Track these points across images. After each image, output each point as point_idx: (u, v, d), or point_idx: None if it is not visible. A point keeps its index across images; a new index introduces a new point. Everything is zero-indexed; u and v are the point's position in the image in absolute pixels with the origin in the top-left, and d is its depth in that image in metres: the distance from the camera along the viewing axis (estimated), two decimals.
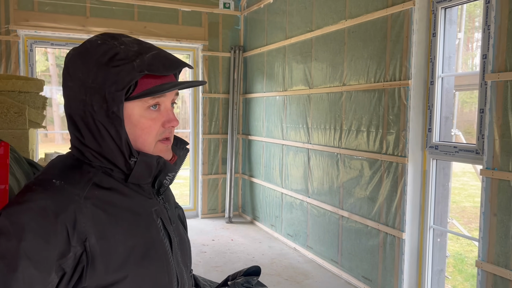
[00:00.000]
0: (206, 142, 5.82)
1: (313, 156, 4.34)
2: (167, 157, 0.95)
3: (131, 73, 0.84)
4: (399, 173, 3.25)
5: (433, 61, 3.11)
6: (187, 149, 1.06)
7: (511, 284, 2.47)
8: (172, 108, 0.95)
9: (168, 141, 0.94)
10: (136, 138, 0.89)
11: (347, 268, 3.86)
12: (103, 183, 0.87)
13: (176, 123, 0.93)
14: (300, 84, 4.55)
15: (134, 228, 0.88)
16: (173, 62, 0.89)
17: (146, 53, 0.87)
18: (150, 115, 0.89)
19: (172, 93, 0.93)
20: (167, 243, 0.94)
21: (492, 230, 2.59)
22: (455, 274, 6.31)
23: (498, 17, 2.53)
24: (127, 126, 0.88)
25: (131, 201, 0.90)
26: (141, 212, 0.91)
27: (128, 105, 0.87)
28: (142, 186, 0.93)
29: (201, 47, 5.67)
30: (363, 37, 3.60)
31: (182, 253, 1.00)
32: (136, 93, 0.87)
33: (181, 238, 1.02)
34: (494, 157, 2.57)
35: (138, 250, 0.87)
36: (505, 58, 2.49)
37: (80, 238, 0.80)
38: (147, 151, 0.91)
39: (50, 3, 4.86)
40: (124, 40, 0.89)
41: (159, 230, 0.93)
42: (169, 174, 0.94)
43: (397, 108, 3.26)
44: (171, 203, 1.04)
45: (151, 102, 0.89)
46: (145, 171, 0.90)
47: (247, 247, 4.73)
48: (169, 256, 0.93)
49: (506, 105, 2.49)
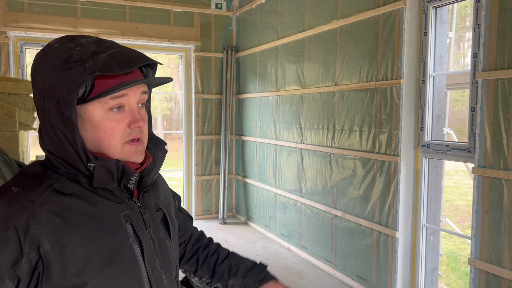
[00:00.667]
0: (199, 143, 5.81)
1: (307, 156, 4.34)
2: (136, 159, 0.92)
3: (82, 75, 0.81)
4: (391, 172, 3.26)
5: (424, 60, 3.12)
6: (165, 150, 1.03)
7: (504, 281, 2.48)
8: (140, 108, 0.92)
9: (138, 142, 0.91)
10: (99, 141, 0.88)
11: (341, 268, 3.86)
12: (65, 189, 0.85)
13: (142, 124, 0.90)
14: (293, 84, 4.55)
15: (96, 234, 0.85)
16: (130, 60, 0.85)
17: (103, 52, 0.85)
18: (113, 116, 0.87)
19: (136, 93, 0.89)
20: (137, 249, 0.90)
21: (484, 228, 2.60)
22: (449, 272, 6.34)
23: (488, 16, 2.55)
24: (90, 128, 0.87)
25: (95, 207, 0.87)
26: (106, 217, 0.88)
27: (88, 107, 0.86)
28: (111, 190, 0.90)
29: (194, 48, 5.65)
30: (355, 36, 3.61)
31: (162, 258, 0.97)
32: (93, 95, 0.85)
33: (161, 242, 0.98)
34: (486, 155, 2.58)
35: (100, 256, 0.84)
36: (495, 57, 2.51)
37: (34, 245, 0.79)
38: (112, 153, 0.89)
39: (41, 4, 4.82)
40: (82, 41, 0.87)
41: (128, 236, 0.89)
42: (131, 178, 0.90)
43: (389, 107, 3.27)
44: (150, 206, 0.99)
45: (112, 103, 0.86)
46: (106, 176, 0.87)
47: (241, 248, 4.72)
48: (139, 262, 0.90)
49: (496, 104, 2.51)
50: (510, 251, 2.46)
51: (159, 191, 1.08)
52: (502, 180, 2.49)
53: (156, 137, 1.03)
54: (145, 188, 0.98)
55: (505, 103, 2.46)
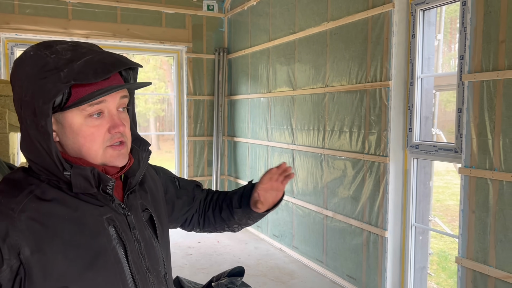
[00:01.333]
0: (191, 144, 5.82)
1: (298, 157, 4.37)
2: (119, 163, 0.93)
3: (57, 85, 0.82)
4: (381, 173, 3.30)
5: (412, 62, 3.16)
6: (149, 151, 1.05)
7: (490, 280, 2.53)
8: (120, 112, 0.92)
9: (121, 145, 0.92)
10: (80, 147, 0.89)
11: (332, 268, 3.89)
12: (46, 195, 0.86)
13: (122, 128, 0.90)
14: (284, 86, 4.58)
15: (77, 239, 0.86)
16: (106, 66, 0.85)
17: (78, 59, 0.85)
18: (92, 122, 0.88)
19: (115, 98, 0.90)
20: (121, 251, 0.91)
21: (471, 227, 2.65)
22: (439, 271, 6.40)
23: (473, 19, 2.60)
24: (70, 135, 0.88)
25: (76, 212, 0.87)
26: (88, 222, 0.88)
27: (67, 114, 0.87)
28: (94, 194, 0.90)
29: (185, 49, 5.67)
30: (344, 38, 3.65)
31: (149, 259, 0.98)
32: (71, 103, 0.85)
33: (147, 243, 0.99)
34: (472, 156, 2.63)
35: (81, 261, 0.85)
36: (481, 59, 2.56)
37: (14, 251, 0.81)
38: (94, 158, 0.90)
39: (31, 6, 4.81)
40: (58, 48, 0.87)
41: (111, 239, 0.90)
42: (108, 185, 0.90)
43: (378, 109, 3.31)
44: (135, 207, 0.99)
45: (91, 110, 0.87)
46: (84, 183, 0.87)
47: (233, 249, 4.74)
48: (122, 264, 0.91)
49: (482, 105, 2.55)
50: (495, 249, 2.50)
51: (147, 191, 1.08)
52: (487, 180, 2.54)
53: (140, 138, 1.05)
54: (130, 190, 0.99)
55: (490, 104, 2.50)
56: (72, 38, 5.01)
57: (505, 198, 2.44)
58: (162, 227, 1.08)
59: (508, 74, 2.39)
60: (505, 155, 2.44)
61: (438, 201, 10.65)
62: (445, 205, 9.88)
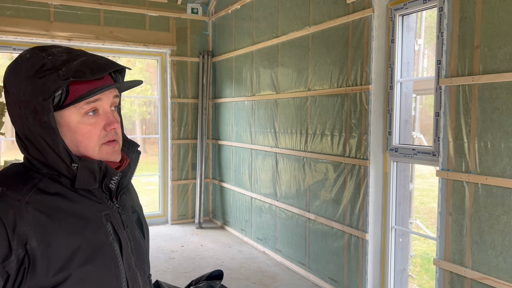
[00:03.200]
0: (175, 147, 5.80)
1: (281, 160, 4.39)
2: (115, 158, 0.97)
3: (56, 81, 0.86)
4: (361, 176, 3.33)
5: (392, 67, 3.21)
6: (138, 152, 1.09)
7: (466, 281, 2.57)
8: (113, 111, 0.97)
9: (114, 142, 0.97)
10: (78, 144, 0.93)
11: (314, 270, 3.91)
12: (49, 189, 0.90)
13: (117, 125, 0.95)
14: (268, 89, 4.60)
15: (80, 232, 0.90)
16: (101, 66, 0.91)
17: (74, 60, 0.90)
18: (88, 120, 0.92)
19: (109, 97, 0.95)
20: (116, 247, 0.95)
21: (448, 229, 2.69)
22: (422, 273, 6.47)
23: (450, 24, 2.65)
24: (67, 133, 0.91)
25: (78, 206, 0.92)
26: (89, 216, 0.92)
27: (65, 113, 0.91)
28: (92, 191, 0.94)
29: (169, 52, 5.65)
30: (326, 43, 3.68)
31: (137, 258, 1.02)
32: (69, 101, 0.90)
33: (136, 242, 1.03)
34: (449, 159, 2.67)
35: (82, 253, 0.89)
36: (457, 64, 2.61)
37: (21, 241, 0.83)
38: (91, 155, 0.94)
39: (12, 8, 4.75)
40: (53, 51, 0.92)
41: (109, 234, 0.94)
42: (113, 178, 0.95)
43: (358, 112, 3.35)
44: (127, 207, 1.04)
45: (87, 107, 0.91)
46: (89, 177, 0.92)
47: (217, 252, 4.73)
48: (118, 260, 0.95)
49: (458, 109, 2.60)
50: (472, 251, 2.54)
51: (132, 194, 1.14)
52: (464, 183, 2.58)
53: (128, 140, 1.08)
54: (122, 190, 1.03)
55: (466, 109, 2.55)
56: (54, 41, 4.96)
57: (480, 200, 2.49)
58: (146, 230, 1.13)
59: (483, 79, 2.44)
60: (480, 158, 2.48)
61: (422, 204, 10.77)
62: (429, 208, 9.99)
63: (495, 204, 2.41)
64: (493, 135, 2.41)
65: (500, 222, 2.38)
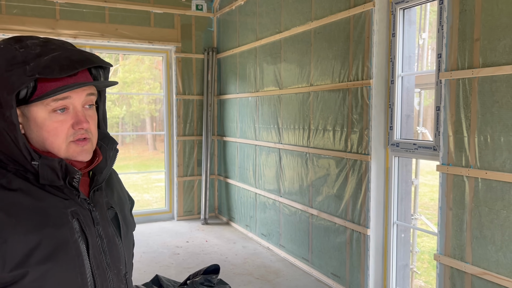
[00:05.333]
0: (181, 144, 5.83)
1: (284, 156, 4.38)
2: (82, 158, 0.95)
3: (21, 77, 0.85)
4: (363, 171, 3.32)
5: (393, 61, 3.18)
6: (116, 149, 1.07)
7: (466, 276, 2.55)
8: (86, 109, 0.95)
9: (84, 141, 0.94)
10: (43, 140, 0.92)
11: (317, 266, 3.91)
12: (11, 185, 0.89)
13: (85, 125, 0.93)
14: (271, 85, 4.59)
15: (40, 229, 0.88)
16: (72, 63, 0.88)
17: (46, 55, 0.88)
18: (56, 117, 0.90)
19: (80, 95, 0.92)
20: (82, 244, 0.93)
21: (448, 224, 2.66)
22: (430, 269, 6.42)
23: (450, 17, 2.61)
24: (34, 128, 0.91)
25: (41, 202, 0.90)
26: (52, 213, 0.90)
27: (32, 108, 0.89)
28: (60, 187, 0.93)
29: (174, 49, 5.67)
30: (328, 37, 3.66)
31: (110, 256, 1.00)
32: (35, 97, 0.88)
33: (110, 240, 1.01)
34: (449, 153, 2.65)
35: (42, 250, 0.87)
36: (456, 57, 2.58)
37: None
38: (56, 152, 0.92)
39: (19, 6, 4.81)
40: (28, 42, 0.90)
41: (74, 232, 0.92)
42: (74, 177, 0.92)
43: (360, 107, 3.33)
44: (100, 204, 1.02)
45: (54, 104, 0.89)
46: (51, 174, 0.90)
47: (221, 248, 4.75)
48: (83, 257, 0.93)
49: (458, 103, 2.57)
50: (472, 246, 2.52)
51: (113, 190, 1.11)
52: (464, 177, 2.55)
53: (109, 137, 1.07)
54: (96, 186, 1.01)
55: (466, 102, 2.52)
56: (60, 38, 5.00)
57: (480, 195, 2.46)
58: (126, 228, 1.10)
59: (483, 72, 2.41)
60: (480, 152, 2.46)
61: (432, 200, 10.67)
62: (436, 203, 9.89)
63: (495, 198, 2.38)
64: (493, 129, 2.38)
65: (500, 216, 2.36)
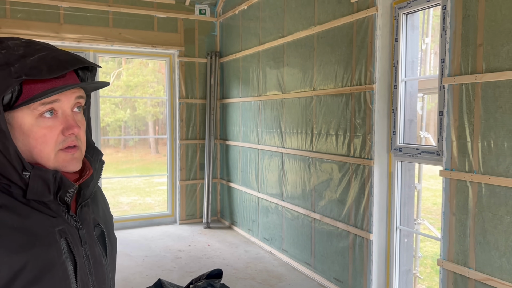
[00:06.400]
0: (183, 147, 5.84)
1: (287, 160, 4.38)
2: (73, 167, 0.87)
3: (7, 79, 0.77)
4: (366, 175, 3.31)
5: (396, 66, 3.18)
6: (102, 161, 0.99)
7: (470, 282, 2.53)
8: (76, 113, 0.88)
9: (74, 149, 0.86)
10: (31, 149, 0.83)
11: (319, 270, 3.90)
12: None
13: (77, 130, 0.85)
14: (274, 89, 4.60)
15: (26, 250, 0.79)
16: (61, 63, 0.81)
17: (32, 55, 0.80)
18: (44, 123, 0.82)
19: (69, 98, 0.85)
20: (70, 266, 0.85)
21: (452, 229, 2.66)
22: (433, 274, 6.39)
23: (453, 22, 2.62)
24: (20, 136, 0.82)
25: (27, 221, 0.81)
26: (38, 232, 0.82)
27: (17, 114, 0.81)
28: (47, 203, 0.84)
29: (177, 53, 5.69)
30: (331, 42, 3.67)
31: (96, 277, 0.92)
32: (21, 101, 0.80)
33: (96, 260, 0.93)
34: (452, 158, 2.64)
35: (28, 273, 0.78)
36: (460, 62, 2.58)
37: None
38: (45, 162, 0.84)
39: (23, 10, 4.84)
40: (9, 43, 0.83)
41: (61, 253, 0.84)
42: (68, 191, 0.84)
43: (363, 112, 3.33)
44: (87, 221, 0.94)
45: (42, 109, 0.81)
46: (42, 187, 0.81)
47: (223, 252, 4.75)
48: (71, 281, 0.85)
49: (461, 108, 2.57)
50: (475, 251, 2.51)
51: (98, 205, 1.03)
52: (467, 183, 2.55)
53: (93, 147, 0.98)
54: (83, 202, 0.93)
55: (469, 107, 2.52)
56: (64, 42, 5.04)
57: (483, 200, 2.45)
58: (111, 246, 1.03)
59: (486, 77, 2.41)
60: (483, 157, 2.45)
61: (435, 205, 10.63)
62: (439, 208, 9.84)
63: (499, 204, 2.37)
64: (496, 134, 2.37)
65: (504, 222, 2.35)
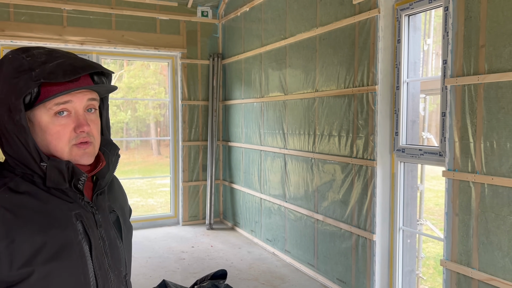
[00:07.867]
0: (186, 149, 5.85)
1: (290, 161, 4.40)
2: (84, 161, 0.99)
3: (28, 82, 0.90)
4: (368, 176, 3.32)
5: (398, 67, 3.19)
6: (118, 155, 1.11)
7: (473, 282, 2.54)
8: (88, 113, 0.99)
9: (86, 145, 0.98)
10: (48, 144, 0.96)
11: (322, 271, 3.91)
12: (19, 188, 0.93)
13: (86, 128, 0.97)
14: (276, 91, 4.62)
15: (46, 230, 0.92)
16: (75, 69, 0.93)
17: (51, 62, 0.93)
18: (58, 121, 0.95)
19: (81, 99, 0.97)
20: (86, 246, 0.97)
21: (455, 229, 2.66)
22: (436, 275, 6.39)
23: (455, 24, 2.63)
24: (38, 132, 0.95)
25: (47, 205, 0.94)
26: (57, 215, 0.94)
27: (36, 112, 0.94)
28: (65, 191, 0.97)
29: (180, 55, 5.72)
30: (333, 44, 3.69)
31: (112, 257, 1.04)
32: (39, 101, 0.93)
33: (112, 242, 1.05)
34: (455, 159, 2.65)
35: (48, 250, 0.91)
36: (462, 63, 2.59)
37: None
38: (60, 156, 0.96)
39: (27, 13, 4.87)
40: (34, 52, 0.96)
41: (78, 233, 0.96)
42: (80, 178, 0.97)
43: (365, 113, 3.34)
44: (103, 207, 1.06)
45: (56, 108, 0.94)
46: (58, 176, 0.94)
47: (226, 253, 4.76)
48: (86, 258, 0.97)
49: (464, 109, 2.58)
50: (478, 252, 2.52)
51: (115, 196, 1.15)
52: (470, 183, 2.56)
53: (112, 143, 1.10)
54: (99, 190, 1.05)
55: (472, 108, 2.53)
56: (67, 45, 5.07)
57: (486, 201, 2.46)
58: (127, 231, 1.14)
59: (488, 78, 2.42)
60: (486, 158, 2.46)
61: (437, 205, 10.64)
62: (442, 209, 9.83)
63: (502, 204, 2.38)
64: (499, 135, 2.38)
65: (507, 222, 2.36)
